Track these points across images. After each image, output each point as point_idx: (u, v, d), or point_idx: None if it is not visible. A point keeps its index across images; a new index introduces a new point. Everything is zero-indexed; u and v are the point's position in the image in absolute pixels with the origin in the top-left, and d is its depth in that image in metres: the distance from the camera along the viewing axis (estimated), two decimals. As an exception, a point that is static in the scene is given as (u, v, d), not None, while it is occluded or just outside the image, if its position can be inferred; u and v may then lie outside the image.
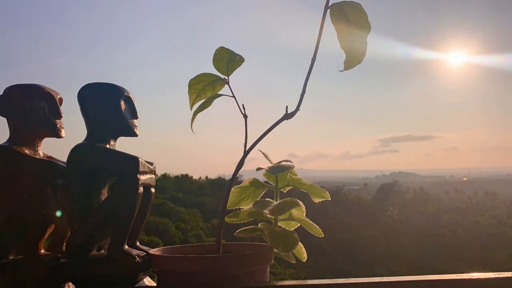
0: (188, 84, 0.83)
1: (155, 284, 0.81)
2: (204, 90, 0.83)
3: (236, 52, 0.80)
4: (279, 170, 0.80)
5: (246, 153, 0.79)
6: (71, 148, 0.82)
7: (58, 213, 0.82)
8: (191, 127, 0.84)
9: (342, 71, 0.76)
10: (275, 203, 0.82)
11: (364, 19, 0.75)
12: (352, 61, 0.76)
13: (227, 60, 0.81)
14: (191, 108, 0.83)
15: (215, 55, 0.81)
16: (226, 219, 0.83)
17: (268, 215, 0.81)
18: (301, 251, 0.83)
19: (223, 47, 0.81)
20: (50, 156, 0.87)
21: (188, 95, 0.83)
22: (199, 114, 0.84)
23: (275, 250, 0.79)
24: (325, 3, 0.76)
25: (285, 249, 0.77)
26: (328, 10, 0.76)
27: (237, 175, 0.81)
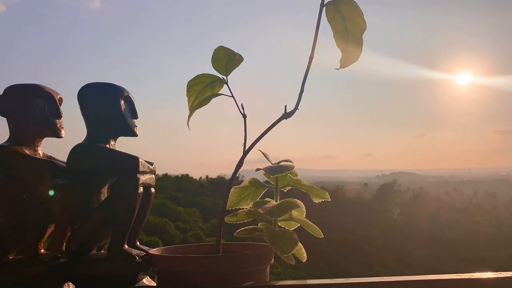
0: (187, 86, 0.83)
1: (155, 284, 0.81)
2: (203, 91, 0.82)
3: (235, 52, 0.80)
4: (277, 171, 0.80)
5: (245, 153, 0.79)
6: (71, 148, 0.82)
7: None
8: (188, 124, 0.83)
9: (337, 69, 0.76)
10: (275, 203, 0.82)
11: (360, 17, 0.75)
12: (347, 59, 0.76)
13: (226, 59, 0.81)
14: (189, 110, 0.83)
15: (214, 54, 0.81)
16: (226, 219, 0.83)
17: (267, 216, 0.81)
18: (301, 251, 0.83)
19: (222, 46, 0.81)
20: (50, 156, 0.87)
21: (186, 97, 0.83)
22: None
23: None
24: (320, 1, 0.76)
25: (285, 251, 0.77)
26: (324, 8, 0.76)
27: (237, 175, 0.81)
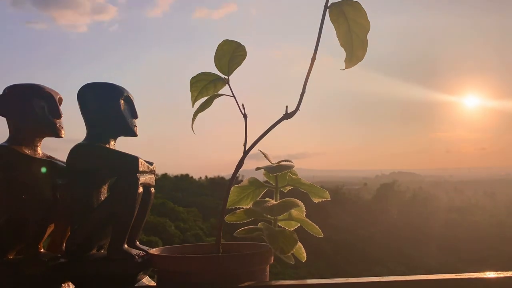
0: (190, 82, 0.83)
1: (154, 284, 0.81)
2: (206, 88, 0.83)
3: (239, 47, 0.80)
4: (277, 170, 0.80)
5: (246, 152, 0.79)
6: (71, 148, 0.82)
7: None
8: (192, 128, 0.84)
9: (343, 69, 0.76)
10: (275, 203, 0.82)
11: (363, 17, 0.75)
12: (352, 59, 0.76)
13: (230, 57, 0.80)
14: (192, 105, 0.83)
15: (217, 50, 0.81)
16: (226, 218, 0.83)
17: (267, 216, 0.81)
18: (301, 251, 0.83)
19: (226, 40, 0.80)
20: (50, 156, 0.87)
21: (190, 92, 0.83)
22: (201, 114, 0.84)
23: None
24: (324, 2, 0.76)
25: (284, 251, 0.77)
26: (327, 11, 0.76)
27: (237, 175, 0.81)
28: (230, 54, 0.80)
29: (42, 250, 0.84)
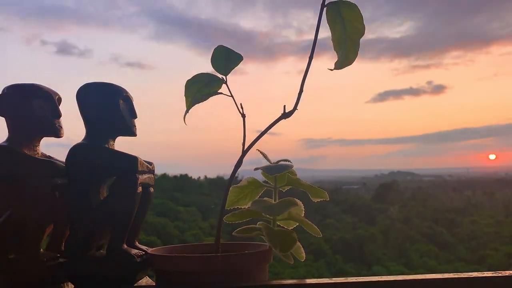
0: (185, 85, 0.83)
1: (154, 284, 0.81)
2: (199, 91, 0.82)
3: (235, 51, 0.81)
4: (276, 171, 0.80)
5: (244, 152, 0.79)
6: (70, 148, 0.82)
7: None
8: (184, 119, 0.83)
9: (331, 70, 0.76)
10: (273, 203, 0.82)
11: (359, 21, 0.75)
12: (343, 62, 0.76)
13: (225, 59, 0.81)
14: (187, 109, 0.83)
15: (213, 54, 0.81)
16: (225, 218, 0.83)
17: (266, 215, 0.81)
18: (300, 251, 0.83)
19: (221, 45, 0.81)
20: (49, 156, 0.87)
21: (184, 96, 0.83)
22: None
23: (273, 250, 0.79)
24: (321, 1, 0.76)
25: (283, 250, 0.77)
26: (325, 9, 0.76)
27: (236, 175, 0.82)
28: (227, 56, 0.81)
29: (41, 250, 0.84)
